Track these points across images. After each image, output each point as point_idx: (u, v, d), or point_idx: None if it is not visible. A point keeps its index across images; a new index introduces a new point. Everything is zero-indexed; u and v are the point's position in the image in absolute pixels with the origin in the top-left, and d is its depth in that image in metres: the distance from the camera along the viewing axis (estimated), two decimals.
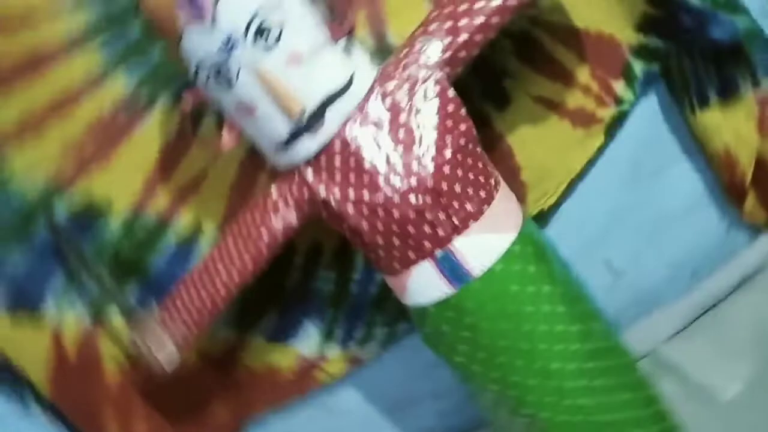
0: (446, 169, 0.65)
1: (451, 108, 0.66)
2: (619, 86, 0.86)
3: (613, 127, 0.88)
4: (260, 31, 0.60)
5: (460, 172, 0.66)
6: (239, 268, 0.71)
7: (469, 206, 0.66)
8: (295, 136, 0.64)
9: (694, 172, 0.92)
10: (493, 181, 0.69)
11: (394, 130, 0.65)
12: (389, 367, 0.97)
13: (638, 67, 0.84)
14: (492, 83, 0.84)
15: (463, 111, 0.67)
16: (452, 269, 0.67)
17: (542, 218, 0.90)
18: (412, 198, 0.65)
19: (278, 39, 0.60)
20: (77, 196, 0.82)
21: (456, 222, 0.66)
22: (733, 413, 0.86)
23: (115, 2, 0.78)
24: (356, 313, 0.93)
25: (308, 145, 0.65)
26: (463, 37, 0.66)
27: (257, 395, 0.93)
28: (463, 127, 0.67)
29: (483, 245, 0.67)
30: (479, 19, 0.66)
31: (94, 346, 0.84)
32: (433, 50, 0.67)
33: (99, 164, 0.81)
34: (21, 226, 0.80)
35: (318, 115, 0.63)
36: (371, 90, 0.66)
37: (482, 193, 0.67)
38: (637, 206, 0.94)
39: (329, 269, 0.90)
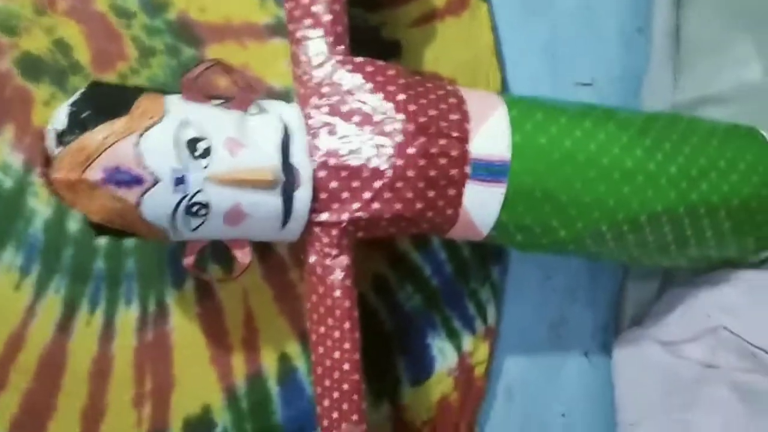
0: (411, 107, 0.67)
1: (370, 68, 0.69)
2: None
3: None
4: (193, 149, 0.61)
5: (424, 101, 0.68)
6: (352, 345, 0.70)
7: (453, 116, 0.68)
8: (288, 198, 0.65)
9: None
10: (449, 87, 0.71)
11: (348, 121, 0.67)
12: (520, 310, 0.96)
13: None
14: (371, 39, 0.88)
15: (379, 62, 0.69)
16: (488, 170, 0.68)
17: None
18: (411, 150, 0.66)
19: (209, 143, 0.62)
20: None
21: (456, 134, 0.67)
22: None
23: None
24: (454, 297, 0.92)
25: (303, 195, 0.66)
26: (325, 11, 0.68)
27: (453, 424, 0.90)
28: (391, 71, 0.69)
29: (490, 132, 0.68)
30: None
31: None
32: (315, 47, 0.69)
33: None
34: None
35: (288, 166, 0.64)
36: (305, 114, 0.67)
37: (453, 100, 0.69)
38: (552, 26, 0.98)
39: (404, 284, 0.90)
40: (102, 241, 0.79)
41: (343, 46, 0.69)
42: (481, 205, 0.69)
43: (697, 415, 0.83)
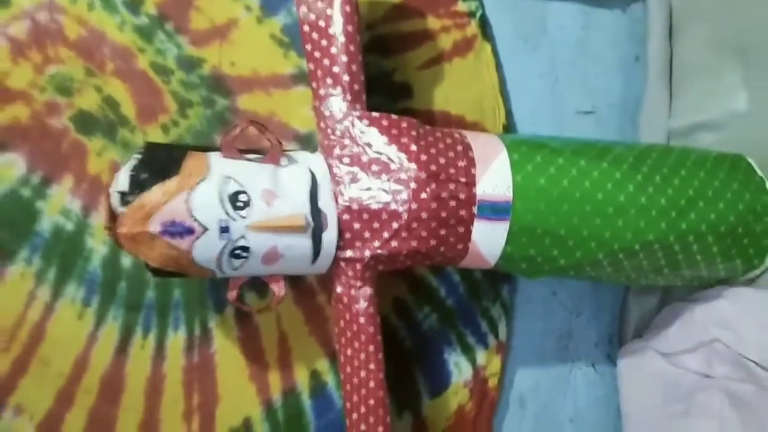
0: (423, 157, 0.75)
1: (385, 122, 0.77)
2: (461, 4, 0.98)
3: (486, 31, 1.00)
4: (234, 202, 0.70)
5: (434, 150, 0.76)
6: (377, 365, 0.79)
7: (461, 163, 0.76)
8: (317, 240, 0.74)
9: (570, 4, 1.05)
10: (456, 135, 0.79)
11: (368, 170, 0.75)
12: (529, 325, 1.04)
13: None
14: (385, 83, 0.96)
15: (394, 116, 0.78)
16: (493, 209, 0.76)
17: (509, 130, 1.01)
18: (423, 195, 0.74)
19: (248, 196, 0.71)
20: None
21: (465, 180, 0.75)
22: None
23: None
24: (468, 315, 1.01)
25: (330, 236, 0.75)
26: (344, 71, 0.77)
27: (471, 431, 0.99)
28: (404, 124, 0.77)
29: (495, 175, 0.76)
30: (341, 39, 0.77)
31: None
32: (336, 103, 0.78)
33: None
34: None
35: (316, 211, 0.73)
36: (329, 164, 0.76)
37: (460, 147, 0.77)
38: (552, 58, 1.05)
39: (421, 305, 0.98)
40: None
41: (360, 103, 0.78)
42: (488, 240, 0.77)
43: (695, 420, 0.91)
